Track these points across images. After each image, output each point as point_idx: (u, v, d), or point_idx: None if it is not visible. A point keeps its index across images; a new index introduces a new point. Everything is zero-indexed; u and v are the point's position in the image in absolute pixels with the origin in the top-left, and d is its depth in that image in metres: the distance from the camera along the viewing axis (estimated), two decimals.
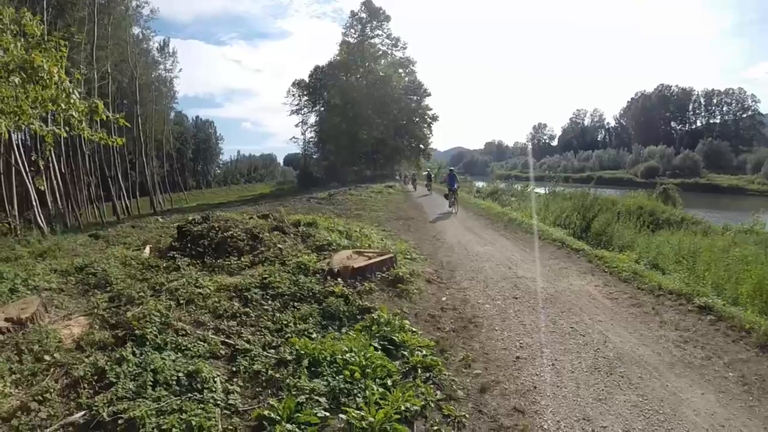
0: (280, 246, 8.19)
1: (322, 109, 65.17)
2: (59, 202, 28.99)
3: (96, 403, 3.48)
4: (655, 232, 15.03)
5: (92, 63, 32.66)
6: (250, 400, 3.88)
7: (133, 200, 47.77)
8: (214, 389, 3.82)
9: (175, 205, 53.24)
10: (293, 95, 64.94)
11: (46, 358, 4.21)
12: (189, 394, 3.71)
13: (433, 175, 39.31)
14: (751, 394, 4.20)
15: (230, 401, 3.76)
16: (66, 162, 32.61)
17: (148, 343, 4.45)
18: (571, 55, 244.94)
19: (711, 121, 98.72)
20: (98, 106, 6.25)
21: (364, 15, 63.35)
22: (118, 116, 6.72)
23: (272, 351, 4.61)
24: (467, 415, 3.86)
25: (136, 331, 4.63)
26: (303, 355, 4.37)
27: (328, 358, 4.30)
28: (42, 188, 20.42)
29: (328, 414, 3.56)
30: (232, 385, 4.00)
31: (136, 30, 44.84)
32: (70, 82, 5.99)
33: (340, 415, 3.53)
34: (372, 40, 63.75)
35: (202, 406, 3.56)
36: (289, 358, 4.40)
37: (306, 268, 6.99)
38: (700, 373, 4.60)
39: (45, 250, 10.01)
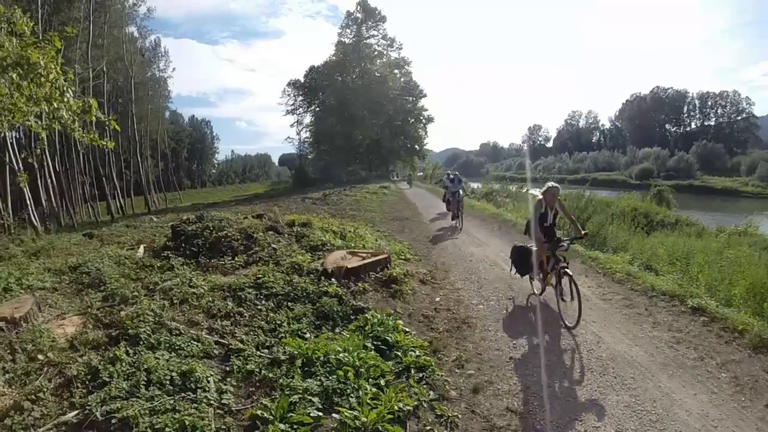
0: (274, 246, 8.19)
1: (318, 109, 64.80)
2: (53, 201, 28.72)
3: (89, 403, 3.48)
4: (649, 234, 15.04)
5: (87, 61, 32.40)
6: (243, 400, 3.88)
7: (127, 199, 47.55)
8: (207, 389, 3.83)
9: (170, 204, 52.93)
10: (288, 95, 64.39)
11: (40, 357, 4.20)
12: (182, 394, 3.71)
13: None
14: (743, 395, 4.24)
15: (223, 401, 3.76)
16: (60, 161, 32.39)
17: (141, 343, 4.46)
18: (567, 56, 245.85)
19: (705, 124, 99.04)
20: (91, 106, 6.20)
21: (359, 15, 63.14)
22: (110, 119, 6.57)
23: (266, 351, 4.62)
24: (460, 415, 3.88)
25: (130, 331, 4.63)
26: (296, 355, 4.38)
27: (322, 358, 4.31)
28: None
29: (321, 414, 3.58)
30: (225, 384, 4.00)
31: (132, 29, 44.58)
32: (65, 80, 5.94)
33: (333, 415, 3.55)
34: (368, 41, 63.52)
35: (195, 405, 3.57)
36: (283, 357, 4.41)
37: (300, 268, 7.00)
38: (692, 374, 4.64)
39: (39, 249, 9.94)
